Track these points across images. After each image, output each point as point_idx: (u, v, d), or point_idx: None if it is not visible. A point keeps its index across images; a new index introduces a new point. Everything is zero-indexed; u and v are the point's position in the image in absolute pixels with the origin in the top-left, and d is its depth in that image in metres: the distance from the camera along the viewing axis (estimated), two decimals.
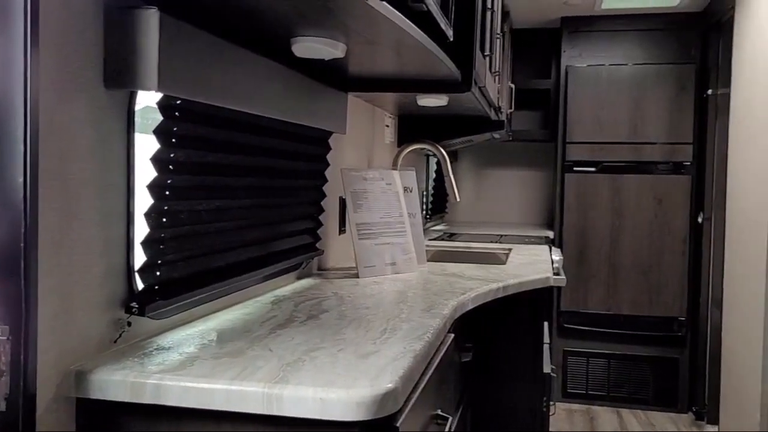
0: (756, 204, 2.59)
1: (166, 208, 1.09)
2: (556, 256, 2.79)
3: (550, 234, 3.67)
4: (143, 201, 1.07)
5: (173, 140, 1.09)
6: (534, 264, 2.29)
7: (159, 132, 1.06)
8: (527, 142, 4.24)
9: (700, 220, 3.56)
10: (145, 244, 1.06)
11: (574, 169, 3.74)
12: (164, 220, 1.09)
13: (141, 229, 1.07)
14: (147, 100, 1.07)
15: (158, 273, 1.09)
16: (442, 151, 2.43)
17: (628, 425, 3.42)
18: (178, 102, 1.10)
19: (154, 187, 1.06)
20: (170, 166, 1.09)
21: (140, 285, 1.07)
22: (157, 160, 1.06)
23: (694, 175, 3.60)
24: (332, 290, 1.62)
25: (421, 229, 2.11)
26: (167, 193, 1.09)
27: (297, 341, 1.11)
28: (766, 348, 2.46)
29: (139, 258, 1.07)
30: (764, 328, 2.46)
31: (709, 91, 3.49)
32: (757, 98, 2.63)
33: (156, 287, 1.09)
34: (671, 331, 3.61)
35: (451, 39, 1.73)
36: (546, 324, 2.70)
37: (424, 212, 3.62)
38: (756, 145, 2.62)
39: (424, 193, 3.63)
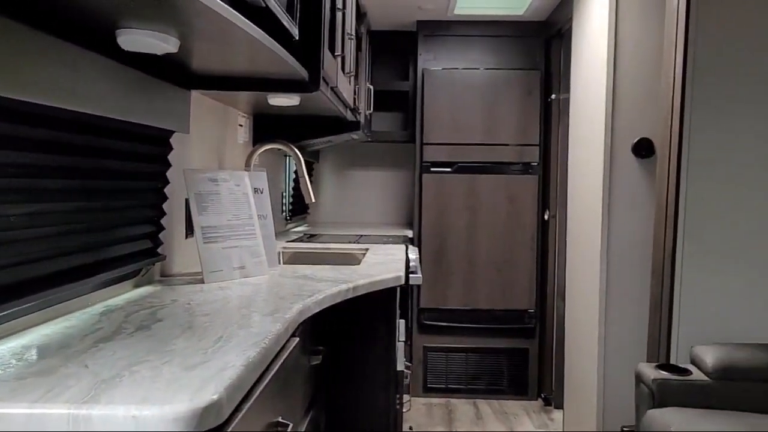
0: (592, 203, 2.78)
1: None
2: (413, 254, 2.84)
3: (410, 233, 3.74)
4: None
5: None
6: (388, 263, 2.31)
7: None
8: (388, 143, 4.31)
9: (546, 217, 3.79)
10: None
11: (432, 169, 3.84)
12: None
13: None
14: None
15: None
16: (297, 151, 2.39)
17: (483, 414, 3.57)
18: None
19: None
20: None
21: None
22: None
23: (541, 175, 3.82)
24: (172, 297, 1.54)
25: (273, 231, 2.07)
26: None
27: (119, 355, 1.03)
28: (601, 337, 2.64)
29: None
30: (599, 318, 2.65)
31: (553, 96, 3.71)
32: (590, 103, 2.82)
33: None
34: (522, 323, 3.81)
35: (297, 38, 1.70)
36: (403, 322, 2.74)
37: (284, 214, 3.57)
38: (590, 148, 2.81)
39: (284, 194, 3.58)
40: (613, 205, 2.65)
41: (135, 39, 1.21)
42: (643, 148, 2.63)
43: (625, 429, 2.43)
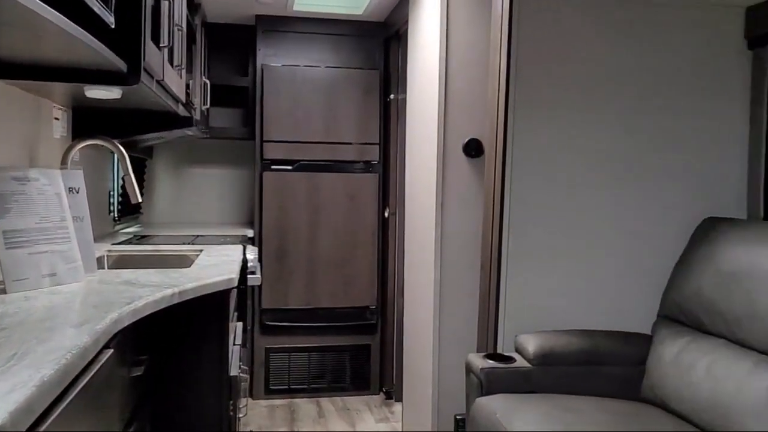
0: (426, 200, 2.87)
1: None
2: (252, 255, 2.77)
3: (250, 233, 3.66)
4: None
5: None
6: (221, 265, 2.23)
7: None
8: (227, 140, 4.18)
9: (386, 215, 3.86)
10: None
11: (272, 167, 3.78)
12: None
13: None
14: None
15: None
16: (120, 147, 2.24)
17: (326, 412, 3.58)
18: None
19: None
20: None
21: None
22: None
23: (381, 174, 3.89)
24: None
25: (90, 234, 1.92)
26: None
27: None
28: (435, 330, 2.74)
29: None
30: (434, 312, 2.74)
31: (391, 96, 3.79)
32: (425, 104, 2.91)
33: None
34: (365, 320, 3.86)
35: (113, 26, 1.58)
36: (240, 325, 2.67)
37: (112, 214, 3.34)
38: (425, 147, 2.90)
39: (111, 193, 3.35)
40: (446, 203, 2.75)
41: None
42: (473, 148, 2.75)
43: (457, 417, 2.53)
